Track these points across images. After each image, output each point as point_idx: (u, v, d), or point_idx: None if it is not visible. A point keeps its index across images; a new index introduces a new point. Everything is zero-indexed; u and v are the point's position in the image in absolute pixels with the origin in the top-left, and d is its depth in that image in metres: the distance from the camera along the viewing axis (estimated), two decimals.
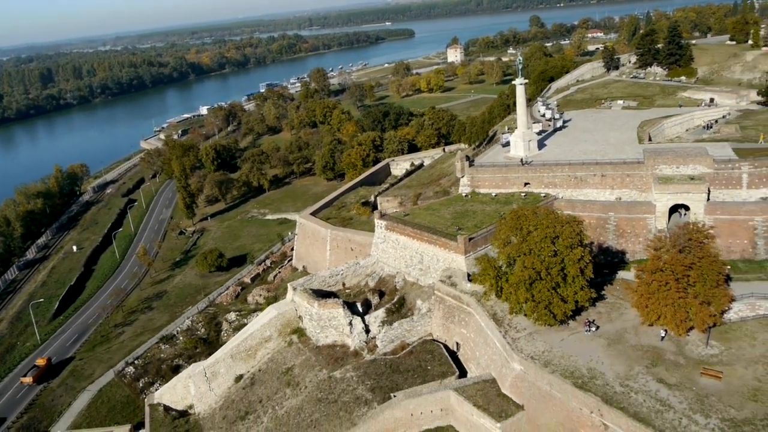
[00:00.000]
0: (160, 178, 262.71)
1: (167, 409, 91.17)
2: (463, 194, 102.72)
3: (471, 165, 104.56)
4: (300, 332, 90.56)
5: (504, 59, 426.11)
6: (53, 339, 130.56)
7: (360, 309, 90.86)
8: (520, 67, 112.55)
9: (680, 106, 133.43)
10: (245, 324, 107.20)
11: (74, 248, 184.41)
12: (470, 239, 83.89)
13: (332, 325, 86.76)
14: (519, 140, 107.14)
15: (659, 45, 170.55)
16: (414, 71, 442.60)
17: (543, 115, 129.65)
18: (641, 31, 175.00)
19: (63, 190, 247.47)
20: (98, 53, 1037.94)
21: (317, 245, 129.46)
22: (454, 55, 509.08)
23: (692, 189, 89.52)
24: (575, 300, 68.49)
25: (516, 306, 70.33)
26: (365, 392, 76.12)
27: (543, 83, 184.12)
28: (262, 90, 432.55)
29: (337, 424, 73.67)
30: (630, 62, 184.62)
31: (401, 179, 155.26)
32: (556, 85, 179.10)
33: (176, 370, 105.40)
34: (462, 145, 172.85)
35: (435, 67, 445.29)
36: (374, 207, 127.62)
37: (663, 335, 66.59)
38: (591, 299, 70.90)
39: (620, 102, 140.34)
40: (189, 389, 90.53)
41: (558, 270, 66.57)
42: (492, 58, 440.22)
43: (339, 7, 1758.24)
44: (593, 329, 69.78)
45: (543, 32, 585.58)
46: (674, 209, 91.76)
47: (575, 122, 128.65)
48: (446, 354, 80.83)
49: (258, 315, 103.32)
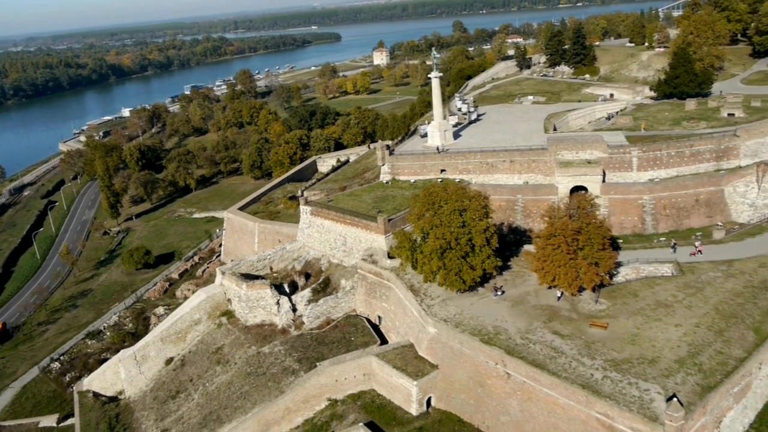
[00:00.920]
0: (82, 180, 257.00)
1: (97, 396, 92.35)
2: (384, 181, 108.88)
3: (391, 154, 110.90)
4: (229, 314, 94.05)
5: (428, 62, 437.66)
6: None
7: (287, 290, 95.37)
8: (435, 62, 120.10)
9: (579, 101, 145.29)
10: None
11: None
12: (389, 220, 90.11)
13: (260, 306, 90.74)
14: (435, 130, 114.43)
15: (566, 46, 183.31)
16: (341, 74, 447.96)
17: (459, 110, 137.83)
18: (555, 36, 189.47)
19: None
20: (9, 54, 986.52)
21: (245, 239, 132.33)
22: (380, 58, 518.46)
23: (589, 171, 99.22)
24: (483, 268, 75.44)
25: (430, 275, 76.75)
26: (292, 363, 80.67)
27: (461, 81, 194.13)
28: (187, 92, 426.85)
29: (266, 394, 77.82)
30: (541, 62, 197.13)
31: (327, 174, 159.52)
32: (473, 83, 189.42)
33: None
34: (387, 142, 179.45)
35: (361, 70, 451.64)
36: None
37: (559, 296, 74.58)
38: (497, 267, 78.14)
39: (530, 97, 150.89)
40: (119, 374, 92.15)
41: (466, 240, 73.35)
42: (417, 62, 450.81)
43: (264, 11, 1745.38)
44: (500, 294, 77.08)
45: (466, 37, 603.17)
46: (575, 191, 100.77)
47: (489, 116, 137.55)
48: (369, 326, 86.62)
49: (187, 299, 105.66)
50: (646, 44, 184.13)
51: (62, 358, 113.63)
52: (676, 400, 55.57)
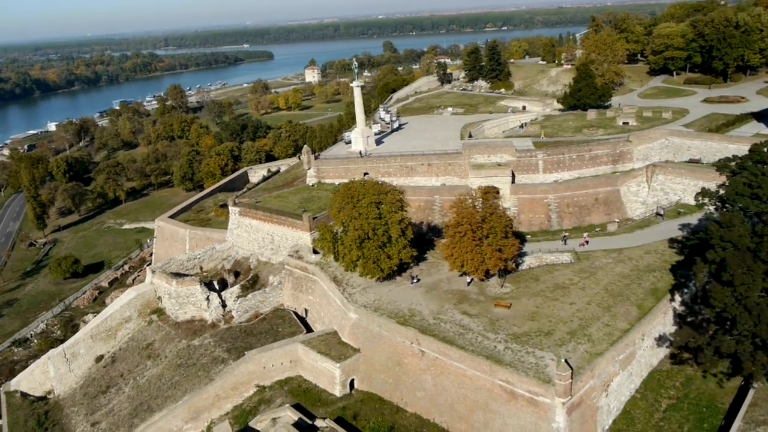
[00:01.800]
0: (6, 192, 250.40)
1: (25, 395, 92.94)
2: (310, 184, 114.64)
3: (317, 158, 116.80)
4: (159, 312, 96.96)
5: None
6: None
7: (217, 287, 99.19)
8: (356, 71, 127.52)
9: (490, 113, 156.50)
10: None
11: None
12: (314, 218, 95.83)
13: (190, 302, 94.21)
14: (358, 136, 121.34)
15: (483, 62, 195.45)
16: (273, 90, 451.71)
17: (383, 119, 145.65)
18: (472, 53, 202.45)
19: None
20: None
21: (176, 246, 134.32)
22: (312, 76, 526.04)
23: (499, 173, 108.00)
24: (400, 257, 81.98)
25: (350, 264, 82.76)
26: (222, 353, 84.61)
27: (386, 94, 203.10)
28: (117, 107, 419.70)
29: (196, 382, 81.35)
30: (461, 77, 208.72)
31: (258, 183, 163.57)
32: (397, 96, 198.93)
33: None
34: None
35: (293, 87, 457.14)
36: None
37: (469, 281, 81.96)
38: (414, 258, 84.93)
39: (450, 109, 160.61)
40: (48, 373, 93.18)
41: (383, 231, 79.85)
42: (347, 79, 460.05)
43: (196, 28, 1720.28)
44: (416, 281, 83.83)
45: (395, 57, 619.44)
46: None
47: (411, 125, 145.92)
48: (296, 318, 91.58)
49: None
50: (556, 62, 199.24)
51: None
52: (564, 362, 63.26)
